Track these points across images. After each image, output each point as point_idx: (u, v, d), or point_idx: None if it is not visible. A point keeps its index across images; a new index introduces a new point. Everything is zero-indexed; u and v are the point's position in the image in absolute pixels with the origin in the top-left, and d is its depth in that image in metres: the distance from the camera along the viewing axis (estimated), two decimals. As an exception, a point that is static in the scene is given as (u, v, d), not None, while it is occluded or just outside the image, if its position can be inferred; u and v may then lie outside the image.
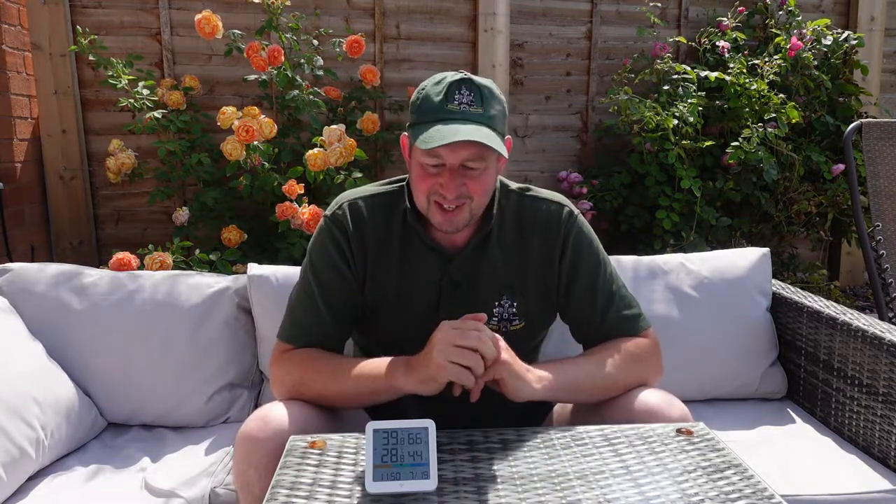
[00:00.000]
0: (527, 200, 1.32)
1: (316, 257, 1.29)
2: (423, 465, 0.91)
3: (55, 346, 1.60)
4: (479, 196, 1.20)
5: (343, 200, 1.30)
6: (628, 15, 3.34)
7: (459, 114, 1.14)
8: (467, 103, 1.15)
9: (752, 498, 0.87)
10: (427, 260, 1.27)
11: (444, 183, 1.16)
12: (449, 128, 1.12)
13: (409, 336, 1.14)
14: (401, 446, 0.92)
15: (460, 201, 1.18)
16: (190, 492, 1.36)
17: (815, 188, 3.10)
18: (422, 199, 1.21)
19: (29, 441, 1.36)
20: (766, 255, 1.88)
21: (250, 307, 1.74)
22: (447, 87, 1.16)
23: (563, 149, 3.38)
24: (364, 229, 1.28)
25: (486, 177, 1.19)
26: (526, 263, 1.29)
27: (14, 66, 2.67)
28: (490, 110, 1.16)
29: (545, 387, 1.12)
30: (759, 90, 2.88)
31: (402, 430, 0.93)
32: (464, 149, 1.14)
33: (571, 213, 1.31)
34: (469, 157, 1.15)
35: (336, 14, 3.04)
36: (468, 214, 1.21)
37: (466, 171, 1.17)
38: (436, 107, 1.15)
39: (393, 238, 1.28)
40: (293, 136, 2.69)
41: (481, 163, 1.17)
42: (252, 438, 1.09)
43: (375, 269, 1.28)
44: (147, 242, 2.27)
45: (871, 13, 3.44)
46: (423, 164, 1.18)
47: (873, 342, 1.50)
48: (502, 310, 1.28)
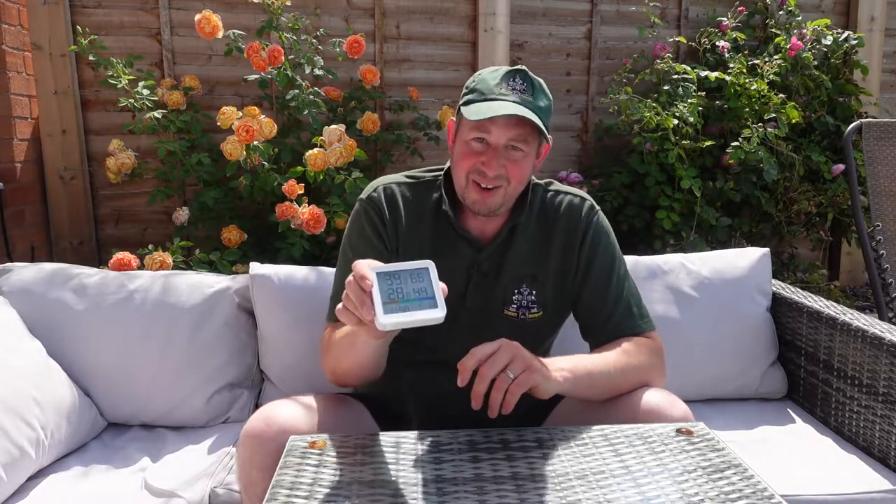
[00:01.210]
0: (550, 194, 1.36)
1: (353, 236, 1.32)
2: (429, 298, 0.93)
3: (55, 346, 1.60)
4: (515, 181, 1.23)
5: (378, 184, 1.34)
6: (628, 15, 3.34)
7: (513, 95, 1.19)
8: (521, 90, 1.20)
9: (752, 498, 0.87)
10: (458, 248, 1.30)
11: (486, 160, 1.20)
12: (502, 103, 1.17)
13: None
14: (405, 285, 0.93)
15: (498, 182, 1.21)
16: (190, 492, 1.36)
17: (815, 188, 3.10)
18: (461, 178, 1.24)
19: (29, 441, 1.36)
20: (766, 255, 1.88)
21: (250, 307, 1.74)
22: (504, 72, 1.22)
23: (563, 149, 3.38)
24: (397, 213, 1.31)
25: (525, 163, 1.23)
26: (547, 253, 1.32)
27: (14, 66, 2.67)
28: (540, 102, 1.21)
29: (566, 379, 1.11)
30: (759, 90, 2.88)
31: (403, 272, 0.95)
32: (512, 128, 1.18)
33: (593, 207, 1.36)
34: (515, 137, 1.19)
35: (336, 14, 3.04)
36: (501, 199, 1.24)
37: (509, 153, 1.21)
38: (491, 87, 1.20)
39: (425, 224, 1.31)
40: (293, 136, 2.68)
41: (525, 145, 1.21)
42: (256, 438, 1.09)
43: (406, 253, 1.30)
44: (147, 242, 2.27)
45: (871, 13, 3.44)
46: (468, 140, 1.22)
47: (873, 342, 1.50)
48: (521, 297, 1.31)
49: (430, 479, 0.92)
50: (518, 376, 1.02)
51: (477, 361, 1.02)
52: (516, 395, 1.02)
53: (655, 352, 1.28)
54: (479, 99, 1.20)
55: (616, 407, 1.18)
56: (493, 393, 1.01)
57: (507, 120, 1.17)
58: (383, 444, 1.02)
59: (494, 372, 1.01)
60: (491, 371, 1.01)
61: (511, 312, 1.31)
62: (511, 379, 1.02)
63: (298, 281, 1.69)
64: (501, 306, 1.30)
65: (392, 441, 1.03)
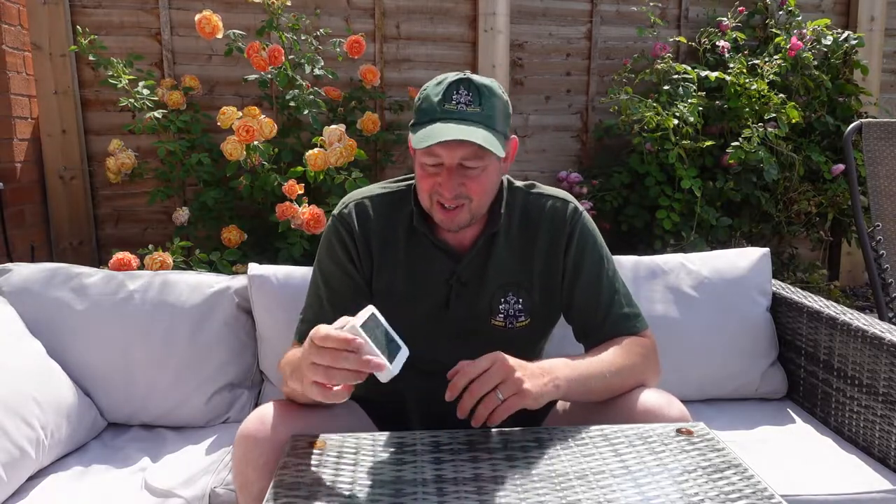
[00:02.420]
0: (532, 197, 1.33)
1: (323, 257, 1.31)
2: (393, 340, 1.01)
3: (55, 346, 1.60)
4: (477, 197, 1.20)
5: (350, 200, 1.32)
6: (628, 15, 3.34)
7: (457, 113, 1.15)
8: (465, 103, 1.16)
9: (752, 498, 0.87)
10: (435, 259, 1.28)
11: (442, 182, 1.17)
12: (445, 126, 1.13)
13: (415, 335, 1.14)
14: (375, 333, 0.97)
15: (459, 201, 1.19)
16: (190, 491, 1.36)
17: (815, 188, 3.10)
18: (425, 198, 1.23)
19: (29, 441, 1.36)
20: (766, 255, 1.88)
21: (250, 307, 1.74)
22: (446, 87, 1.17)
23: (563, 149, 3.38)
24: (370, 228, 1.29)
25: (484, 177, 1.20)
26: (532, 260, 1.30)
27: (14, 66, 2.67)
28: (489, 110, 1.17)
29: (559, 388, 1.10)
30: (760, 90, 2.88)
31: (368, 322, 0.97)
32: (460, 148, 1.15)
33: (577, 209, 1.32)
34: (466, 156, 1.16)
35: (336, 14, 3.04)
36: (468, 215, 1.21)
37: (465, 171, 1.18)
38: (434, 107, 1.16)
39: (399, 237, 1.29)
40: (293, 136, 2.69)
41: (479, 162, 1.17)
42: (250, 438, 1.09)
43: (381, 268, 1.28)
44: (147, 242, 2.27)
45: (871, 13, 3.44)
46: (422, 163, 1.20)
47: (873, 342, 1.50)
48: (508, 306, 1.29)
49: (430, 479, 0.92)
50: (507, 399, 1.01)
51: (467, 380, 1.01)
52: (502, 416, 1.02)
53: (650, 351, 1.26)
54: (423, 121, 1.16)
55: (613, 407, 1.17)
56: (480, 409, 1.01)
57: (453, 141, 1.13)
58: (383, 444, 1.02)
59: (484, 391, 1.01)
60: (480, 390, 1.01)
61: (499, 322, 1.28)
62: (500, 400, 1.01)
63: (297, 281, 1.69)
64: (488, 316, 1.28)
65: (392, 441, 1.03)
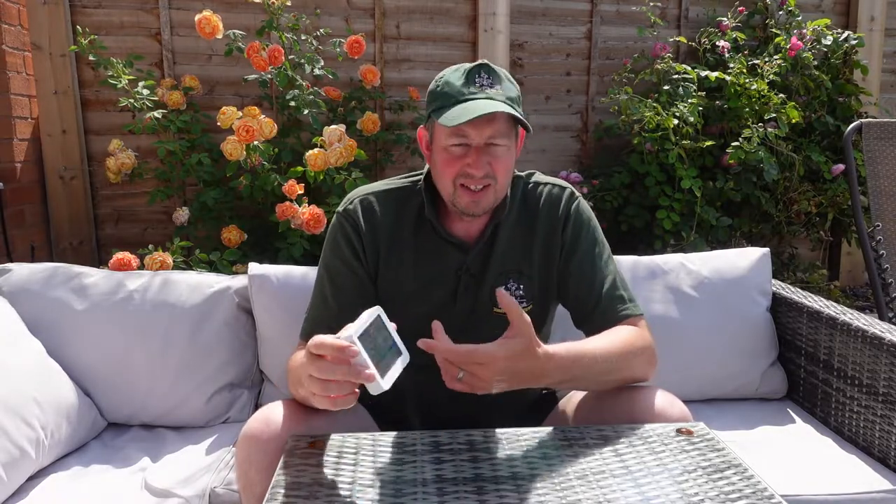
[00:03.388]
0: (531, 185, 1.35)
1: (328, 253, 1.31)
2: (394, 345, 1.00)
3: (55, 346, 1.60)
4: (501, 176, 1.22)
5: (355, 196, 1.33)
6: (628, 15, 3.34)
7: (482, 93, 1.17)
8: (488, 84, 1.18)
9: (752, 498, 0.87)
10: (444, 252, 1.29)
11: (471, 162, 1.18)
12: (474, 104, 1.15)
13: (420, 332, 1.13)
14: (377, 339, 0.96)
15: (486, 181, 1.20)
16: (190, 491, 1.36)
17: (815, 188, 3.10)
18: (448, 186, 1.22)
19: (29, 441, 1.36)
20: (766, 255, 1.88)
21: (250, 307, 1.74)
22: (468, 70, 1.20)
23: (563, 149, 3.38)
24: (375, 224, 1.29)
25: (508, 157, 1.22)
26: (531, 246, 1.31)
27: (14, 66, 2.67)
28: (509, 91, 1.20)
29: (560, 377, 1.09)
30: (760, 90, 2.88)
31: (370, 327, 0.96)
32: (489, 126, 1.17)
33: (573, 194, 1.35)
34: (493, 134, 1.18)
35: (336, 14, 3.04)
36: (493, 196, 1.23)
37: (491, 150, 1.19)
38: (458, 89, 1.18)
39: (406, 232, 1.30)
40: (293, 136, 2.69)
41: (506, 140, 1.20)
42: (254, 439, 1.09)
43: (388, 263, 1.29)
44: (147, 242, 2.27)
45: (871, 13, 3.44)
46: (448, 147, 1.20)
47: (873, 342, 1.50)
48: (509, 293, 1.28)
49: (430, 479, 0.92)
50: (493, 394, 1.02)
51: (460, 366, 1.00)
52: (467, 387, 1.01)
53: (646, 339, 1.24)
54: (450, 103, 1.18)
55: (614, 407, 1.16)
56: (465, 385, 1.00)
57: (481, 119, 1.15)
58: (383, 444, 1.02)
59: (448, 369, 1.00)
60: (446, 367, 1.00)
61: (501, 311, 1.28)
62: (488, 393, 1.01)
63: (297, 281, 1.69)
64: (491, 306, 1.28)
65: (392, 441, 1.03)
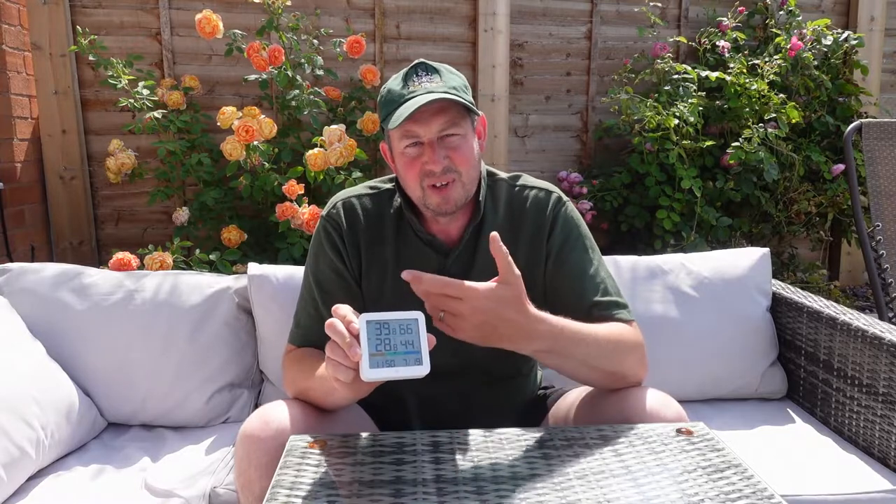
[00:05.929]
0: (517, 189, 1.34)
1: (314, 258, 1.31)
2: (415, 352, 0.92)
3: (55, 346, 1.60)
4: (465, 167, 1.20)
5: (337, 200, 1.33)
6: (628, 15, 3.34)
7: (421, 89, 1.18)
8: (427, 80, 1.19)
9: (752, 498, 0.87)
10: (424, 255, 1.28)
11: (427, 158, 1.18)
12: (414, 100, 1.16)
13: None
14: (393, 336, 0.93)
15: (449, 176, 1.19)
16: (190, 491, 1.36)
17: (815, 188, 3.11)
18: (416, 190, 1.22)
19: (29, 441, 1.36)
20: (766, 255, 1.88)
21: (250, 307, 1.74)
22: (404, 73, 1.21)
23: (563, 149, 3.38)
24: (358, 226, 1.29)
25: (466, 147, 1.20)
26: (517, 249, 1.29)
27: (14, 66, 2.67)
28: (450, 82, 1.20)
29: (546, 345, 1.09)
30: (760, 90, 2.88)
31: (392, 322, 0.93)
32: (435, 119, 1.16)
33: (560, 199, 1.33)
34: (444, 125, 1.17)
35: (336, 14, 3.05)
36: (461, 190, 1.21)
37: (446, 141, 1.19)
38: (398, 93, 1.19)
39: (387, 234, 1.30)
40: (293, 136, 2.69)
41: (458, 129, 1.19)
42: (253, 438, 1.09)
43: (371, 265, 1.29)
44: (147, 242, 2.27)
45: (871, 13, 3.45)
46: (403, 151, 1.20)
47: (873, 342, 1.50)
48: None
49: (430, 479, 0.92)
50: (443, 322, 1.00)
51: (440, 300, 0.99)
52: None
53: (638, 341, 1.22)
54: (393, 108, 1.19)
55: (609, 407, 1.16)
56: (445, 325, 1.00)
57: (427, 113, 1.15)
58: (383, 444, 1.02)
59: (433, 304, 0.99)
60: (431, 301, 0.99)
61: None
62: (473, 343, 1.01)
63: (297, 281, 1.68)
64: None
65: (392, 441, 1.03)
